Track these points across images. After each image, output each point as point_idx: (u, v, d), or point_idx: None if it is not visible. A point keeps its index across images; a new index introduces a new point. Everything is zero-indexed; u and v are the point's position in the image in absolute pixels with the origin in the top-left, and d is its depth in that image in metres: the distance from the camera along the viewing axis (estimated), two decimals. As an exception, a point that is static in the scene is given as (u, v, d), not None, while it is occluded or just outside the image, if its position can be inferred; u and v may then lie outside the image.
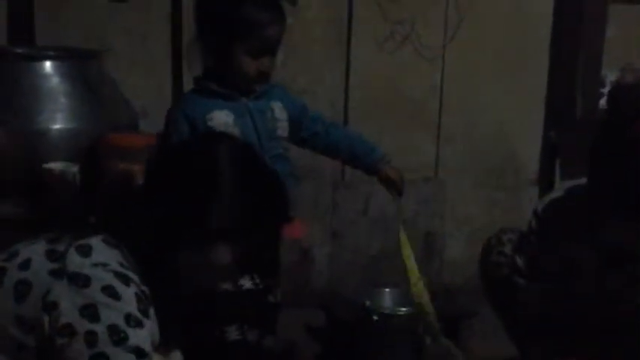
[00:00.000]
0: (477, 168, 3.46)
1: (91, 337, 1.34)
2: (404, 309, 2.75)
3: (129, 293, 1.39)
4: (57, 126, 2.64)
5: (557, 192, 2.26)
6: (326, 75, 3.31)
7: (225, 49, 2.22)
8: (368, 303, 2.75)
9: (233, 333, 2.28)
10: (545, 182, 3.49)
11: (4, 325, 1.40)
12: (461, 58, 3.36)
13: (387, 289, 2.92)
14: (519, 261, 2.27)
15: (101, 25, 3.09)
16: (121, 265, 1.44)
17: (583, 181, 2.11)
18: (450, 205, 3.46)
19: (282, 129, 2.33)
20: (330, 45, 3.29)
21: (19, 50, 2.86)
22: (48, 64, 2.71)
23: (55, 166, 2.60)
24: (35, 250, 1.47)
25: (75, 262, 1.42)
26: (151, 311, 1.44)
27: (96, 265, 1.41)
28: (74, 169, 2.59)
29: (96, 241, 1.46)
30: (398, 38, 3.32)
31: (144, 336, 1.39)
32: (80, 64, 2.75)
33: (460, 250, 3.48)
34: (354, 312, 2.80)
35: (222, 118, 2.22)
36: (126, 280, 1.40)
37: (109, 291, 1.38)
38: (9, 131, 2.63)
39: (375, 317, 2.70)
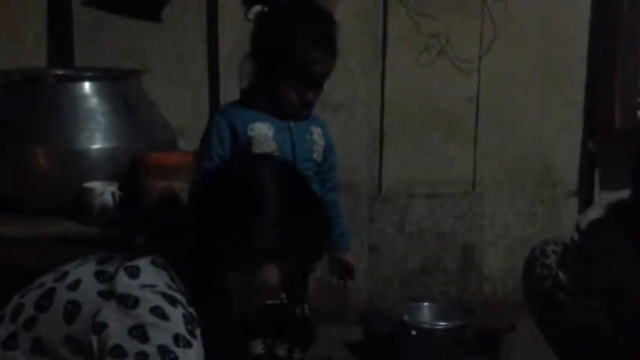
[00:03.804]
0: (515, 180, 3.43)
1: (141, 358, 1.35)
2: (442, 323, 2.75)
3: (177, 314, 1.40)
4: (96, 145, 2.68)
5: (599, 206, 2.23)
6: (362, 90, 3.31)
7: (273, 78, 2.25)
8: (406, 317, 2.75)
9: (257, 347, 2.29)
10: (584, 193, 3.46)
11: (54, 344, 1.42)
12: (497, 70, 3.34)
13: (425, 304, 2.92)
14: (562, 276, 2.24)
15: (139, 45, 3.13)
16: (169, 286, 1.45)
17: (624, 193, 2.09)
18: (489, 218, 3.44)
19: (318, 153, 2.35)
20: (365, 60, 3.30)
21: (59, 71, 2.91)
22: (87, 85, 2.75)
23: (95, 185, 2.64)
24: (84, 271, 1.49)
25: (123, 283, 1.43)
26: (198, 332, 1.44)
27: (144, 286, 1.43)
28: (113, 187, 2.62)
29: (144, 263, 1.48)
30: (433, 51, 3.31)
31: (192, 356, 1.39)
32: (119, 84, 2.79)
33: (499, 263, 3.46)
34: (392, 327, 2.80)
35: (262, 130, 2.25)
36: (173, 302, 1.42)
37: (157, 312, 1.39)
38: (49, 151, 2.67)
39: (414, 332, 2.70)
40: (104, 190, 2.62)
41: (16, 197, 2.73)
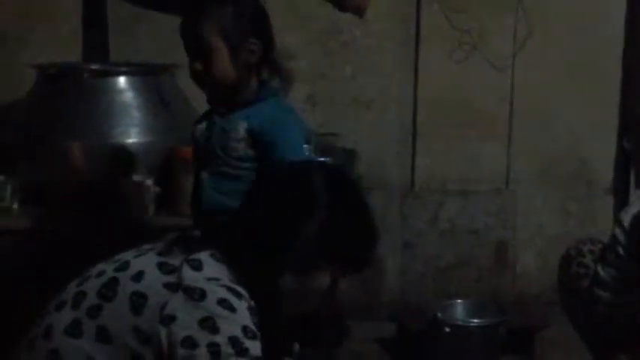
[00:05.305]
0: (549, 178, 3.41)
1: (213, 349, 1.37)
2: (476, 321, 2.73)
3: (242, 306, 1.42)
4: (131, 140, 2.69)
5: None
6: (394, 86, 3.30)
7: None
8: (439, 314, 2.74)
9: None
10: (619, 191, 3.42)
11: (121, 334, 1.43)
12: (531, 66, 3.32)
13: (458, 301, 2.90)
14: (602, 273, 2.23)
15: (173, 40, 3.12)
16: (231, 280, 1.47)
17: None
18: (522, 216, 3.41)
19: (237, 150, 2.12)
20: (398, 56, 3.29)
21: (94, 66, 2.92)
22: (122, 80, 2.77)
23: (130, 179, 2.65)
24: (146, 263, 1.50)
25: (189, 276, 1.44)
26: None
27: (209, 279, 1.44)
28: (149, 182, 2.64)
29: (205, 256, 1.49)
30: (466, 47, 3.30)
31: (258, 348, 1.42)
32: (153, 79, 2.80)
33: (533, 260, 3.43)
34: (424, 323, 2.79)
35: (197, 132, 2.22)
36: (238, 295, 1.43)
37: (225, 304, 1.40)
38: (84, 146, 2.68)
39: (447, 329, 2.68)
40: (139, 184, 2.63)
41: (51, 192, 2.75)
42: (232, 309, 1.40)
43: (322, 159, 2.34)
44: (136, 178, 2.64)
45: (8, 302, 2.46)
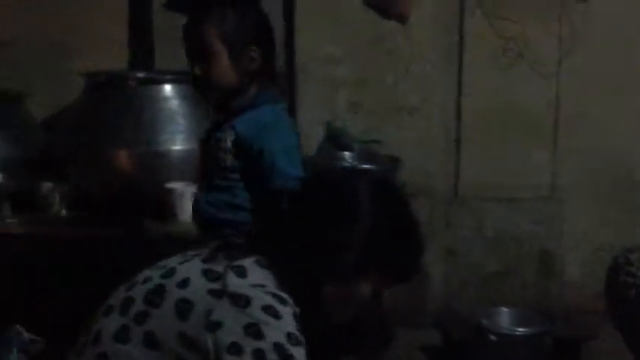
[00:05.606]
0: (595, 185, 3.36)
1: (258, 355, 1.38)
2: (522, 329, 2.70)
3: (287, 313, 1.43)
4: (176, 147, 2.71)
5: None
6: (438, 93, 3.29)
7: None
8: (485, 322, 2.72)
9: None
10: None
11: (168, 340, 1.44)
12: (577, 73, 3.28)
13: (503, 309, 2.87)
14: None
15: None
16: (276, 287, 1.48)
17: None
18: (568, 224, 3.37)
19: (225, 160, 2.10)
20: (441, 63, 3.28)
21: (140, 74, 2.96)
22: (167, 87, 2.79)
23: (175, 185, 2.67)
24: (191, 269, 1.52)
25: (234, 282, 1.46)
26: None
27: (254, 286, 1.46)
28: (193, 188, 2.65)
29: (249, 263, 1.50)
30: (511, 54, 3.28)
31: (303, 354, 1.42)
32: (199, 87, 2.81)
33: (579, 269, 3.39)
34: (469, 331, 2.77)
35: (201, 144, 2.22)
36: (283, 301, 1.44)
37: (270, 310, 1.41)
38: (131, 152, 2.71)
39: (493, 337, 2.66)
40: (184, 191, 2.65)
41: (98, 198, 2.78)
42: (277, 316, 1.41)
43: (366, 166, 2.33)
44: (180, 184, 2.66)
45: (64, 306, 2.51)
